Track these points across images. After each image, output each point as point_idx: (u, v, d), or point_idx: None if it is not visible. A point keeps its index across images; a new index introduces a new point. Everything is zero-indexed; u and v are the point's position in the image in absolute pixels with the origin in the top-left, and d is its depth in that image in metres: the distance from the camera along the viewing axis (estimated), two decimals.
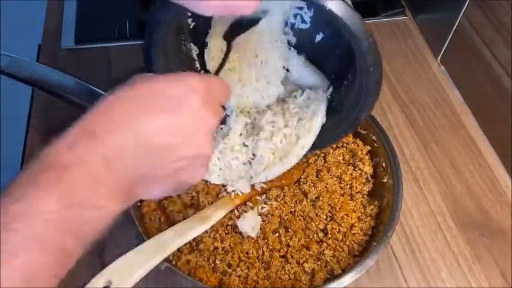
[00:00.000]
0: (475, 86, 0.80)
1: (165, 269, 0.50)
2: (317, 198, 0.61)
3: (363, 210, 0.61)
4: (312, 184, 0.62)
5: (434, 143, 0.77)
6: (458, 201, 0.70)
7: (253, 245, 0.57)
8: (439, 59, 0.88)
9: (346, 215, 0.60)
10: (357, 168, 0.64)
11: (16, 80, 0.54)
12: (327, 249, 0.57)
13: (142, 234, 0.54)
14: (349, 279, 0.52)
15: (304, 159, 0.64)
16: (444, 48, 0.86)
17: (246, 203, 0.60)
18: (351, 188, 0.63)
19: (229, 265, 0.56)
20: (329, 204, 0.61)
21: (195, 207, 0.59)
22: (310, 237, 0.59)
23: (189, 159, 0.39)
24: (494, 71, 0.73)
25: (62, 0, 0.93)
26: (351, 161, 0.65)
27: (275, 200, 0.60)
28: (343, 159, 0.65)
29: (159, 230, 0.56)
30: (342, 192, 0.62)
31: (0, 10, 1.16)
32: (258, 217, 0.59)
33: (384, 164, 0.63)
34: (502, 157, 0.74)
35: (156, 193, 0.41)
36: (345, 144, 0.66)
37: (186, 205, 0.60)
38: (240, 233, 0.58)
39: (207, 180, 0.57)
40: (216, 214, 0.57)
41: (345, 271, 0.55)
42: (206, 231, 0.56)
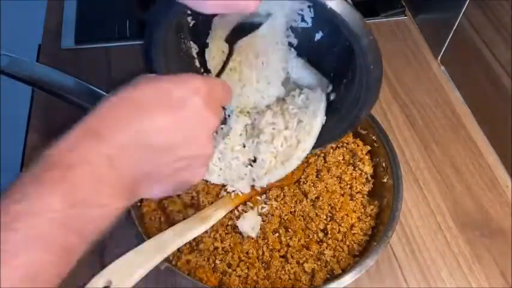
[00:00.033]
0: (475, 86, 0.80)
1: (165, 269, 0.50)
2: (317, 198, 0.61)
3: (363, 210, 0.61)
4: (312, 184, 0.62)
5: (434, 143, 0.77)
6: (458, 201, 0.70)
7: (253, 245, 0.57)
8: (439, 59, 0.88)
9: (346, 215, 0.60)
10: (357, 168, 0.64)
11: (16, 80, 0.54)
12: (327, 249, 0.57)
13: (142, 234, 0.54)
14: (349, 279, 0.53)
15: (304, 159, 0.64)
16: (444, 48, 0.86)
17: (246, 203, 0.60)
18: (351, 188, 0.63)
19: (229, 265, 0.56)
20: (329, 204, 0.61)
21: (195, 207, 0.59)
22: (310, 237, 0.59)
23: (190, 158, 0.40)
24: (494, 71, 0.73)
25: (62, 0, 0.93)
26: (351, 161, 0.65)
27: (275, 200, 0.60)
28: (343, 159, 0.65)
29: (159, 230, 0.56)
30: (342, 192, 0.62)
31: (0, 10, 1.16)
32: (258, 217, 0.59)
33: (384, 164, 0.63)
34: (502, 157, 0.74)
35: (157, 192, 0.41)
36: (345, 144, 0.66)
37: (186, 205, 0.60)
38: (240, 233, 0.58)
39: (207, 180, 0.58)
40: (216, 214, 0.57)
41: (345, 271, 0.55)
42: (206, 231, 0.56)
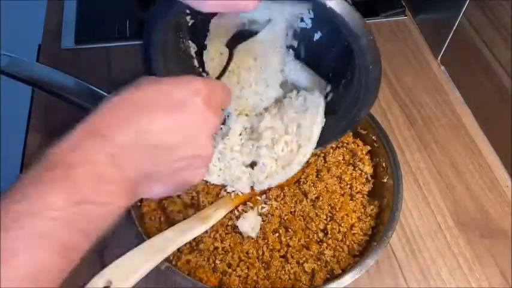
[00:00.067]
0: (475, 86, 0.80)
1: (165, 269, 0.50)
2: (317, 198, 0.61)
3: (363, 210, 0.61)
4: (312, 184, 0.62)
5: (434, 143, 0.77)
6: (458, 201, 0.70)
7: (253, 245, 0.57)
8: (439, 59, 0.88)
9: (346, 215, 0.60)
10: (357, 168, 0.64)
11: (16, 80, 0.54)
12: (327, 249, 0.57)
13: (142, 234, 0.54)
14: (349, 279, 0.52)
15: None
16: (444, 48, 0.86)
17: (246, 203, 0.60)
18: (351, 188, 0.63)
19: (229, 265, 0.56)
20: (329, 204, 0.61)
21: (195, 207, 0.59)
22: (310, 237, 0.59)
23: (190, 158, 0.40)
24: (494, 71, 0.73)
25: (62, 0, 0.93)
26: (351, 161, 0.65)
27: (275, 200, 0.60)
28: (343, 159, 0.65)
29: (159, 230, 0.56)
30: (342, 192, 0.62)
31: (0, 10, 1.16)
32: (258, 217, 0.59)
33: (384, 164, 0.63)
34: (502, 157, 0.74)
35: (157, 192, 0.41)
36: (345, 144, 0.66)
37: (186, 205, 0.60)
38: (240, 233, 0.58)
39: (207, 181, 0.58)
40: (216, 214, 0.57)
41: (345, 271, 0.55)
42: (206, 231, 0.56)
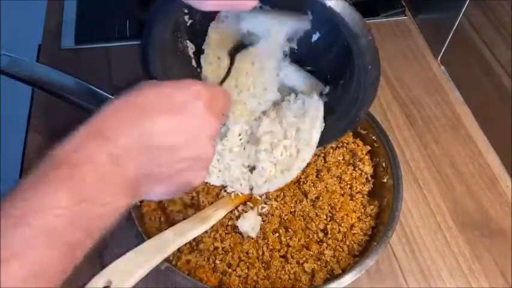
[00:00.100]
0: (475, 86, 0.80)
1: (165, 269, 0.50)
2: (317, 198, 0.61)
3: (363, 210, 0.61)
4: (312, 184, 0.62)
5: (434, 143, 0.77)
6: (458, 201, 0.70)
7: (253, 245, 0.57)
8: (439, 59, 0.88)
9: (346, 215, 0.60)
10: (357, 168, 0.64)
11: (16, 80, 0.54)
12: (327, 249, 0.57)
13: (142, 234, 0.54)
14: (349, 279, 0.52)
15: None
16: (444, 48, 0.86)
17: (246, 203, 0.60)
18: (351, 188, 0.63)
19: (229, 265, 0.56)
20: (329, 204, 0.61)
21: (195, 207, 0.59)
22: (310, 237, 0.59)
23: (191, 160, 0.41)
24: (494, 71, 0.73)
25: (62, 0, 0.93)
26: (351, 161, 0.65)
27: (275, 200, 0.60)
28: (343, 159, 0.65)
29: (159, 230, 0.56)
30: (342, 192, 0.62)
31: (0, 10, 1.16)
32: (258, 217, 0.59)
33: (384, 164, 0.63)
34: (502, 157, 0.74)
35: (159, 193, 0.41)
36: (345, 144, 0.66)
37: (186, 205, 0.60)
38: (240, 233, 0.58)
39: (207, 182, 0.58)
40: (216, 214, 0.57)
41: (345, 271, 0.55)
42: (206, 231, 0.56)
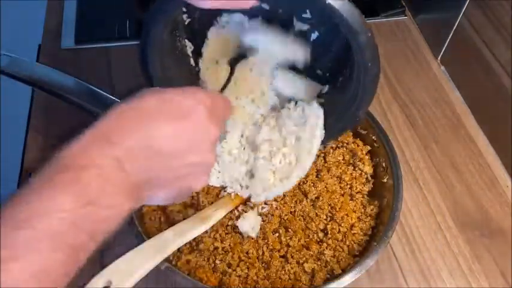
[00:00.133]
0: (475, 86, 0.80)
1: (165, 269, 0.50)
2: (317, 198, 0.61)
3: (363, 210, 0.61)
4: (312, 184, 0.62)
5: (434, 143, 0.77)
6: (458, 201, 0.70)
7: (253, 245, 0.57)
8: (439, 59, 0.88)
9: (346, 215, 0.60)
10: (357, 168, 0.64)
11: (16, 80, 0.54)
12: (327, 249, 0.57)
13: (142, 234, 0.54)
14: (349, 279, 0.52)
15: None
16: (444, 48, 0.86)
17: (246, 203, 0.60)
18: (351, 188, 0.63)
19: (229, 265, 0.56)
20: (329, 204, 0.61)
21: (195, 207, 0.59)
22: (310, 237, 0.59)
23: (194, 166, 0.41)
24: (494, 71, 0.73)
25: (62, 0, 0.93)
26: (351, 161, 0.65)
27: (275, 200, 0.60)
28: (343, 159, 0.65)
29: (159, 230, 0.56)
30: (342, 192, 0.62)
31: (0, 10, 1.16)
32: (258, 217, 0.59)
33: (384, 164, 0.63)
34: (502, 157, 0.74)
35: (161, 197, 0.42)
36: (345, 144, 0.66)
37: (186, 205, 0.60)
38: (240, 233, 0.58)
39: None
40: (216, 214, 0.57)
41: (345, 271, 0.55)
42: (206, 231, 0.56)
